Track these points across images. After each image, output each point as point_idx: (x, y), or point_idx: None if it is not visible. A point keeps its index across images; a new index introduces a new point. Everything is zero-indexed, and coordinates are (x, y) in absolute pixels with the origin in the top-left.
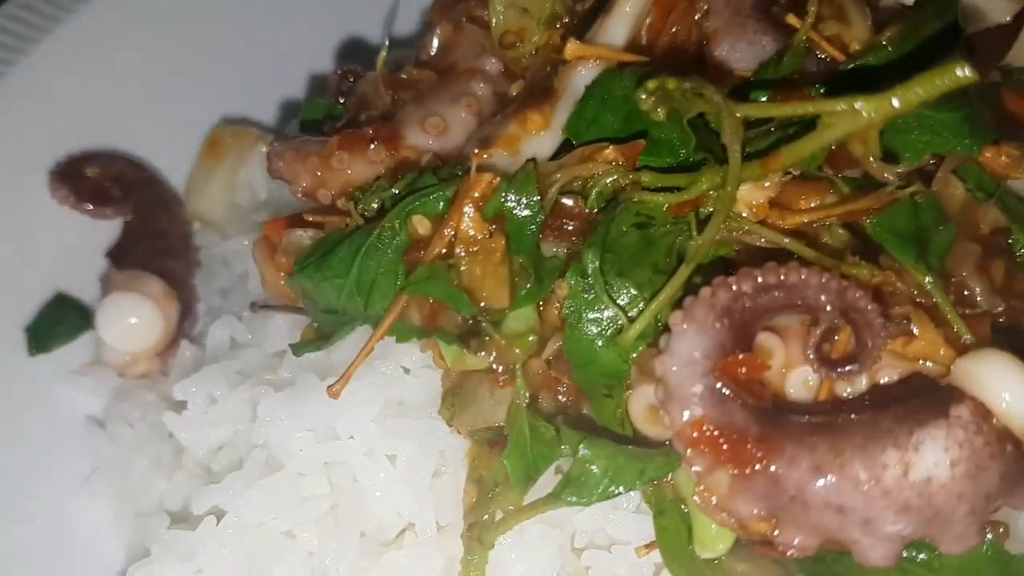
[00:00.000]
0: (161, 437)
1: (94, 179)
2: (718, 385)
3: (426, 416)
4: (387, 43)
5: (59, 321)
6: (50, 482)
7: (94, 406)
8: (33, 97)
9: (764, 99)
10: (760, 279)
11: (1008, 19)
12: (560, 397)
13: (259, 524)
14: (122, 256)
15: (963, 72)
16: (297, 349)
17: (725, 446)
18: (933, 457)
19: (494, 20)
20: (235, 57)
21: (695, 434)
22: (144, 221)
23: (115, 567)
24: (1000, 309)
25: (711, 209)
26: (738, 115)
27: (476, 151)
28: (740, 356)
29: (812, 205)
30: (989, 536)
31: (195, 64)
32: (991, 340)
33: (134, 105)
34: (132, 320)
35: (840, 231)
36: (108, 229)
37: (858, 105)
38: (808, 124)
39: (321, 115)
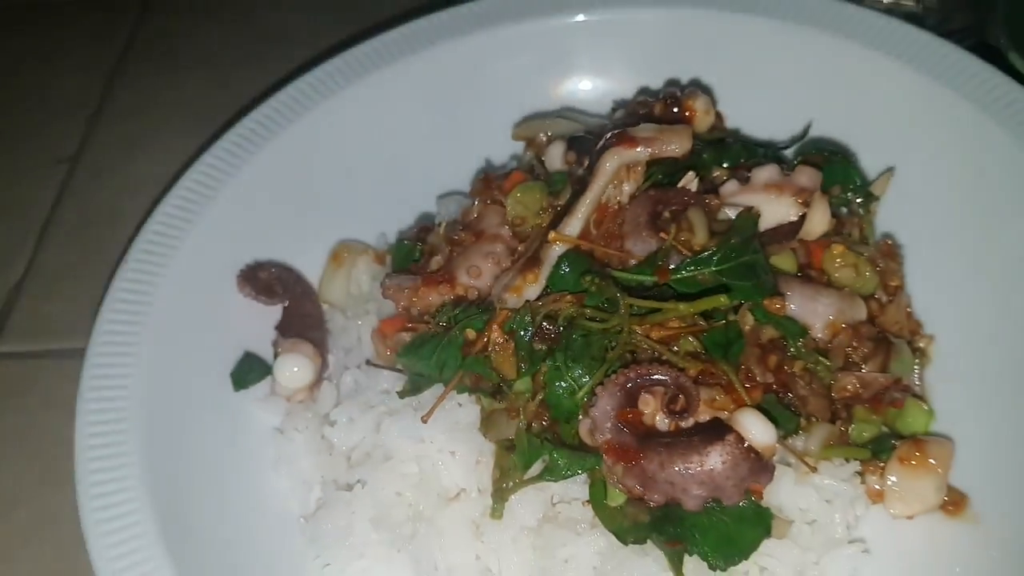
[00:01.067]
0: (318, 439)
1: (264, 279)
2: (618, 424)
3: (471, 430)
4: (443, 223)
5: (250, 370)
6: (251, 467)
7: (273, 420)
8: (221, 225)
9: (649, 277)
10: (639, 371)
11: (796, 218)
12: (544, 423)
13: (382, 488)
14: (285, 329)
15: (723, 299)
16: (401, 395)
17: (620, 453)
18: (714, 460)
19: (507, 210)
20: (346, 205)
21: (607, 447)
22: (296, 306)
23: (295, 516)
24: (772, 381)
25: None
26: (626, 301)
27: (500, 300)
28: (628, 410)
29: (675, 325)
30: (752, 498)
31: (322, 206)
32: (760, 399)
33: (286, 230)
34: (295, 369)
35: (690, 339)
36: (274, 311)
37: (678, 305)
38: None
39: (405, 254)
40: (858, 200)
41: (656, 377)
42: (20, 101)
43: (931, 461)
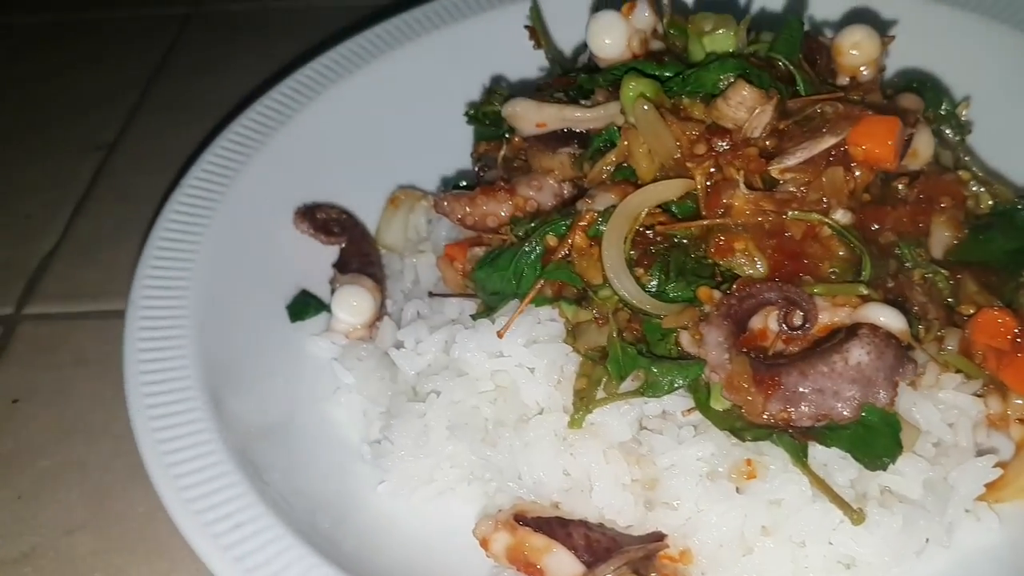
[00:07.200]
0: (380, 369)
1: (323, 219)
2: (738, 351)
3: (552, 345)
4: (506, 140)
5: (306, 304)
6: (311, 397)
7: (329, 354)
8: (282, 166)
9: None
10: (740, 293)
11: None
12: (635, 334)
13: (458, 401)
14: (343, 266)
15: None
16: (475, 316)
17: (756, 381)
18: (857, 354)
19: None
20: (407, 147)
21: (732, 383)
22: (354, 246)
23: (355, 444)
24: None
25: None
26: None
27: (586, 200)
28: (743, 336)
29: None
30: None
31: (381, 153)
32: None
33: (343, 176)
34: (354, 303)
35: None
36: (331, 255)
37: None
38: None
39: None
40: (950, 129)
41: (764, 297)
42: (67, 93)
43: None
